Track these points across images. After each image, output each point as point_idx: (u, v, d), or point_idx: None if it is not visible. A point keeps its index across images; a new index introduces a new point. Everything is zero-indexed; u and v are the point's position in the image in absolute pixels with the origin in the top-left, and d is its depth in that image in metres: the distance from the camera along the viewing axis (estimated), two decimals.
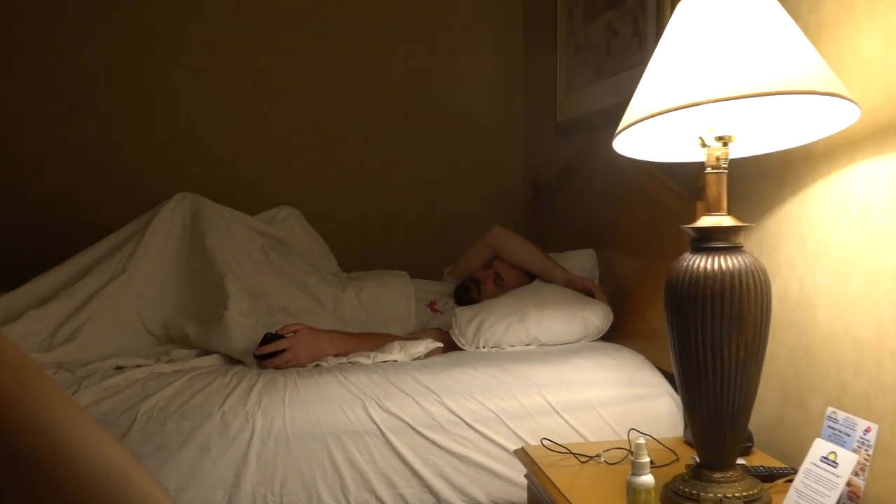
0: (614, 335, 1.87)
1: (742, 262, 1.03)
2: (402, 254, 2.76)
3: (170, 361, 1.68)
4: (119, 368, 1.61)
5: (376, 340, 1.82)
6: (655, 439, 1.41)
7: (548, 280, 2.04)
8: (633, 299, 1.85)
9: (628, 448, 1.31)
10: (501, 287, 2.12)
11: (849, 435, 0.99)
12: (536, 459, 1.29)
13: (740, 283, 1.01)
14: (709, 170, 1.08)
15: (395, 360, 1.70)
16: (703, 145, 1.09)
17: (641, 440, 1.03)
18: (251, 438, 1.40)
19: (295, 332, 1.71)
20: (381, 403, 1.49)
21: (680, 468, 1.21)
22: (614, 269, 1.98)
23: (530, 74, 2.87)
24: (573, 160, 2.28)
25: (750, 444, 1.31)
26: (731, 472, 1.07)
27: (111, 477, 0.31)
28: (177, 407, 1.43)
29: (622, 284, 1.93)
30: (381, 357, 1.70)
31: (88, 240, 2.04)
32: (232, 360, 1.73)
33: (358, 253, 2.69)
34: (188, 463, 1.38)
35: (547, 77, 2.61)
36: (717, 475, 1.07)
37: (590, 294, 1.94)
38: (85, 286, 1.85)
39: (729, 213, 1.07)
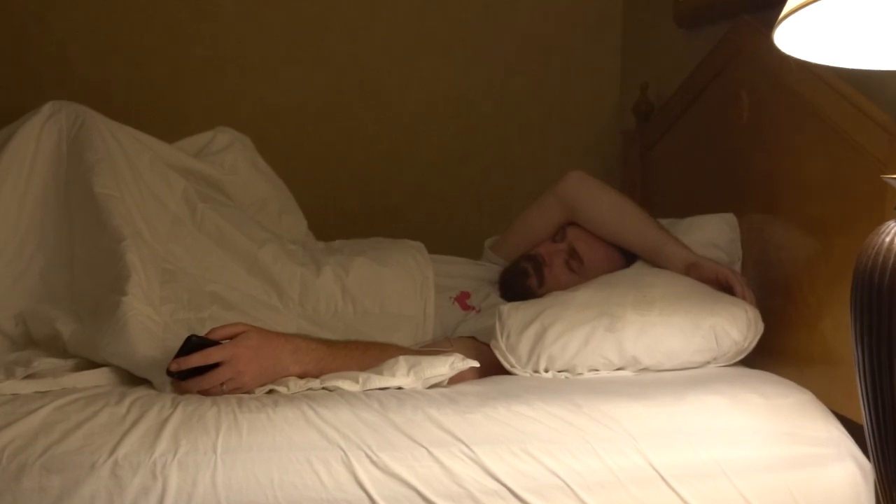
0: (763, 357, 1.89)
1: None
2: (420, 218, 2.95)
3: (29, 377, 1.67)
4: None
5: (369, 354, 1.82)
6: None
7: (656, 263, 2.08)
8: (797, 298, 1.87)
9: None
10: (578, 272, 2.16)
11: None
12: None
13: None
14: None
15: (401, 388, 1.69)
16: None
17: None
18: None
19: (236, 336, 1.69)
20: (374, 457, 1.48)
21: None
22: (767, 248, 2.03)
23: None
24: (704, 67, 2.34)
25: None
26: None
27: None
28: (40, 452, 1.42)
29: (779, 274, 1.95)
30: (377, 382, 1.69)
31: None
32: (132, 379, 1.72)
33: (354, 214, 2.87)
34: None
35: None
36: None
37: (726, 288, 1.96)
38: None
39: None
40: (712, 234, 2.11)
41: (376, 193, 3.15)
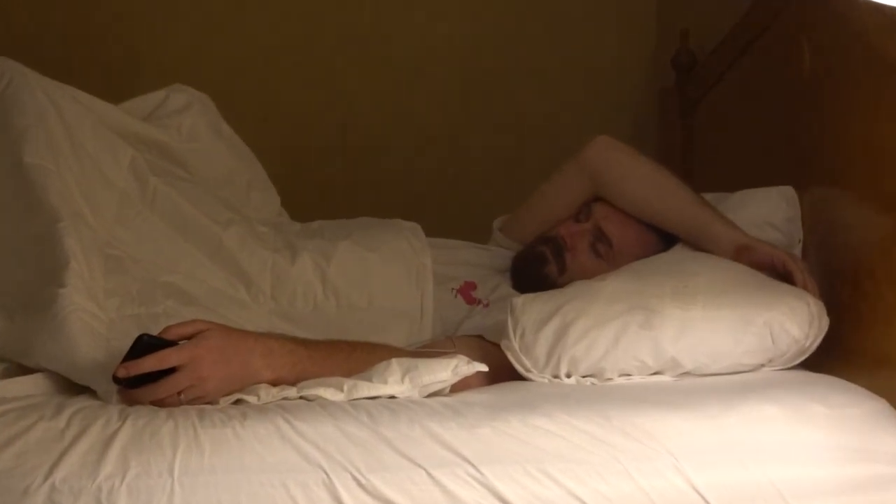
0: (828, 359, 1.88)
1: None
2: (415, 193, 2.98)
3: None
4: None
5: (356, 356, 1.82)
6: None
7: (700, 246, 2.09)
8: (868, 289, 1.86)
9: None
10: (606, 258, 2.18)
11: None
12: None
13: None
14: None
15: (394, 397, 1.69)
16: None
17: None
18: None
19: (196, 335, 1.69)
20: (362, 480, 1.47)
21: None
22: (833, 229, 2.03)
23: None
24: (757, 9, 2.34)
25: None
26: None
27: None
28: None
29: (848, 260, 1.96)
30: (366, 390, 1.69)
31: None
32: (71, 387, 1.72)
33: (336, 189, 2.93)
34: None
35: None
36: None
37: (784, 276, 1.96)
38: None
39: None
40: (767, 211, 2.11)
41: (362, 164, 3.16)
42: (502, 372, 1.84)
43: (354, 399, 1.67)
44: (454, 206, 3.01)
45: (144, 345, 1.64)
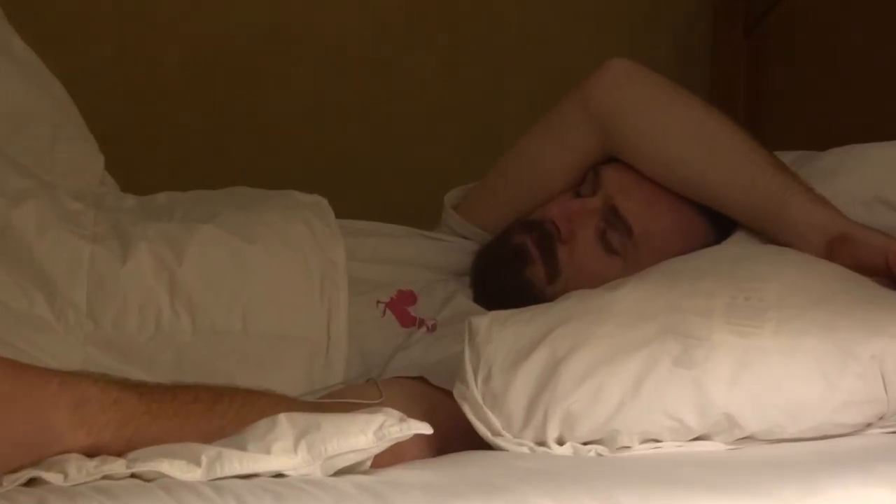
0: None
1: None
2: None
3: None
4: None
5: (220, 410, 1.83)
6: None
7: (772, 235, 2.17)
8: None
9: None
10: (623, 254, 2.26)
11: None
12: None
13: None
14: None
15: (282, 475, 1.68)
16: None
17: None
18: None
19: None
20: None
21: None
22: None
23: None
24: None
25: None
26: None
27: None
28: None
29: None
30: (237, 464, 1.67)
31: None
32: None
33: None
34: None
35: None
36: None
37: None
38: None
39: None
40: (880, 179, 2.15)
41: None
42: (455, 435, 1.84)
43: (218, 479, 1.64)
44: (385, 171, 3.11)
45: None
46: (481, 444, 1.82)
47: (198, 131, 3.54)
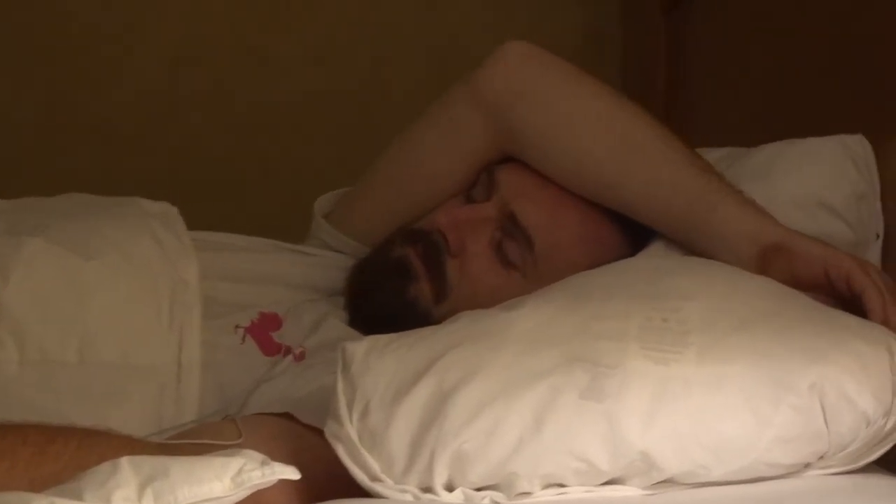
0: None
1: None
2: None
3: None
4: None
5: (53, 452, 1.83)
6: None
7: (695, 245, 2.22)
8: None
9: None
10: (523, 268, 2.30)
11: None
12: None
13: None
14: None
15: None
16: None
17: None
18: None
19: None
20: None
21: None
22: None
23: None
24: None
25: None
26: None
27: None
28: None
29: None
30: None
31: None
32: None
33: None
34: None
35: None
36: None
37: (849, 299, 2.04)
38: None
39: None
40: (820, 180, 2.18)
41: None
42: (328, 480, 1.83)
43: None
44: (246, 174, 3.16)
45: None
46: (358, 491, 1.79)
47: (27, 127, 3.50)
